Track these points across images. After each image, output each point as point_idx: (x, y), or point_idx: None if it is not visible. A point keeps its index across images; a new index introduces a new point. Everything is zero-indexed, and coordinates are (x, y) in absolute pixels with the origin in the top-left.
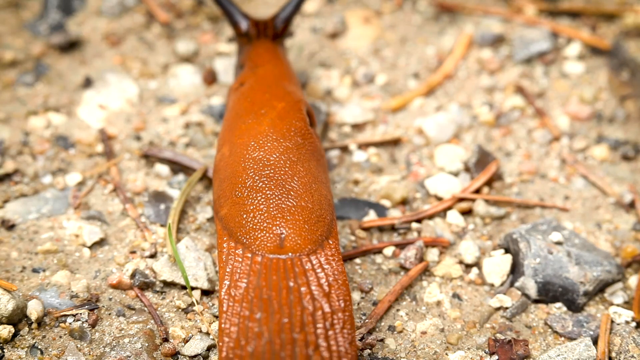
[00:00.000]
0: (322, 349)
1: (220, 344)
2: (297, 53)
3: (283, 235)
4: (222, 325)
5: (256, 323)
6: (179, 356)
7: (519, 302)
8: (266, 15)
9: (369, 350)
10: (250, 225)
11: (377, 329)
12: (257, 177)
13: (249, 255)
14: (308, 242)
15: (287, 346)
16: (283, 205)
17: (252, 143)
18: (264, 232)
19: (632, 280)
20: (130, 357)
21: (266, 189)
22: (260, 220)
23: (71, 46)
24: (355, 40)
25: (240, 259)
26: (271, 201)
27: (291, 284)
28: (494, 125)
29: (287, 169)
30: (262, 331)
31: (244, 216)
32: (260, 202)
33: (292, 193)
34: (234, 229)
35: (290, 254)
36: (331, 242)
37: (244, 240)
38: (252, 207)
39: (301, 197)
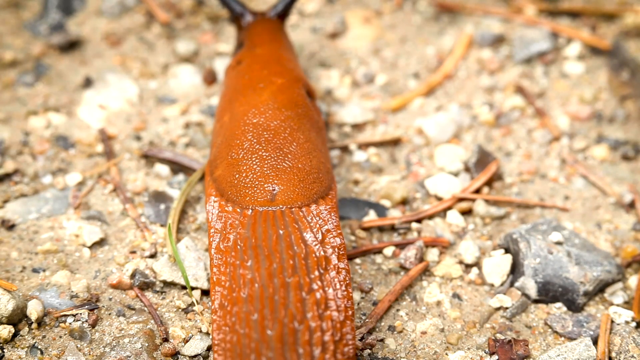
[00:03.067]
0: (316, 291)
1: (213, 295)
2: (297, 53)
3: (275, 191)
4: (214, 277)
5: (247, 270)
6: (179, 356)
7: (519, 302)
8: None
9: (369, 350)
10: (242, 184)
11: (377, 329)
12: (255, 140)
13: (239, 210)
14: (301, 197)
15: (280, 289)
16: (279, 167)
17: (253, 110)
18: (255, 189)
19: (632, 280)
20: (130, 357)
21: (262, 150)
22: (252, 179)
23: (71, 46)
24: (355, 40)
25: (230, 215)
26: (266, 162)
27: (281, 231)
28: (494, 125)
29: (286, 135)
30: (255, 277)
31: (237, 176)
32: (254, 163)
33: (289, 156)
34: (226, 188)
35: (281, 205)
36: (328, 199)
37: (235, 198)
38: (245, 168)
39: (299, 159)
